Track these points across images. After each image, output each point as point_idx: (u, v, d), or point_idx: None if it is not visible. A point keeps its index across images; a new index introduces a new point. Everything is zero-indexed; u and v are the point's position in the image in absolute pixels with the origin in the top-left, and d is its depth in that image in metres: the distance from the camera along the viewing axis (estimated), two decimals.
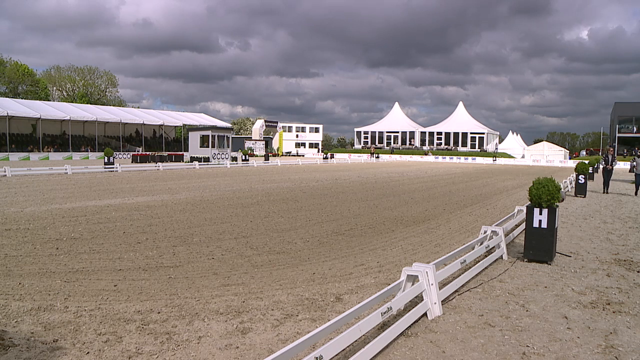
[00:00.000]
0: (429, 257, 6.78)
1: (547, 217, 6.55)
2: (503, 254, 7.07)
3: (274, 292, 5.24)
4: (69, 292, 5.05)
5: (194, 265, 6.26)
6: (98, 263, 6.24)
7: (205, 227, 8.91)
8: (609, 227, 10.09)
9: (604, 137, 73.56)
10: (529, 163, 54.75)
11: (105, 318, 4.34)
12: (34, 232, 8.10)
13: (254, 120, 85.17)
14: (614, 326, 4.46)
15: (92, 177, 21.10)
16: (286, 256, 6.93)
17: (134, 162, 34.25)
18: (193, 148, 38.46)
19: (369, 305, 3.87)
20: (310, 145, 73.67)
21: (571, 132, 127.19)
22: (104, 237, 7.85)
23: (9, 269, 5.82)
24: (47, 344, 3.77)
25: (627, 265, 6.81)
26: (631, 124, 62.18)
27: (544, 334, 4.23)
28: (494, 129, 73.73)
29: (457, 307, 4.86)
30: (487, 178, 26.61)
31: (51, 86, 75.77)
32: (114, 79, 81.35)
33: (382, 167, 38.20)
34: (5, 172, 20.16)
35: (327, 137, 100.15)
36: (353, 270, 6.22)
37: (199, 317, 4.43)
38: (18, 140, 41.76)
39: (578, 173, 16.98)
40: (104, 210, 10.65)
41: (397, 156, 63.48)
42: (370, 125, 78.19)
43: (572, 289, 5.59)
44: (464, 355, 3.78)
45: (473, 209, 12.80)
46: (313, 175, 25.43)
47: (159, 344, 3.83)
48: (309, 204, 12.84)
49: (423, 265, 4.64)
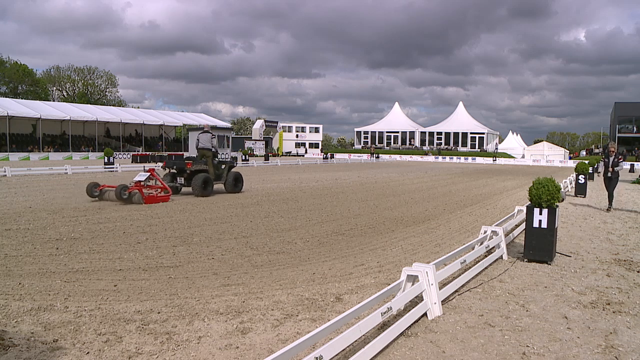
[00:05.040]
0: (429, 257, 6.78)
1: (547, 217, 6.55)
2: (503, 254, 7.07)
3: (274, 292, 5.24)
4: (69, 292, 5.04)
5: (194, 265, 6.26)
6: (98, 263, 6.24)
7: (205, 227, 8.91)
8: (609, 227, 10.08)
9: (604, 137, 73.54)
10: (529, 163, 54.75)
11: (105, 318, 4.34)
12: (34, 232, 8.10)
13: (254, 120, 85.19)
14: (614, 326, 4.46)
15: (92, 177, 21.09)
16: (286, 256, 6.93)
17: (134, 162, 34.25)
18: (193, 148, 38.44)
19: (369, 305, 3.87)
20: (310, 145, 73.65)
21: (571, 132, 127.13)
22: (104, 237, 7.85)
23: (9, 269, 5.82)
24: (47, 344, 3.77)
25: (627, 265, 6.81)
26: (631, 124, 62.21)
27: (544, 334, 4.23)
28: (494, 129, 73.81)
29: (457, 307, 4.86)
30: (487, 178, 26.61)
31: (51, 86, 75.79)
32: (114, 79, 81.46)
33: (382, 167, 38.20)
34: (5, 172, 20.16)
35: (327, 137, 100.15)
36: (353, 270, 6.22)
37: (199, 317, 4.43)
38: (18, 140, 41.77)
39: (578, 173, 17.00)
40: (104, 210, 10.65)
41: (397, 156, 63.49)
42: (370, 125, 78.24)
43: (572, 289, 5.59)
44: (464, 355, 3.78)
45: (473, 209, 12.81)
46: (313, 175, 25.43)
47: (159, 344, 3.83)
48: (309, 204, 12.84)
49: (423, 265, 4.64)
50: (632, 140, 61.26)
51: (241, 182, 15.49)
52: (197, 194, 13.71)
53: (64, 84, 77.38)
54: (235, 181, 15.23)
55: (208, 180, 13.98)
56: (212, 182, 14.25)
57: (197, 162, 14.34)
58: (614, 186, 12.90)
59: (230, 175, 15.10)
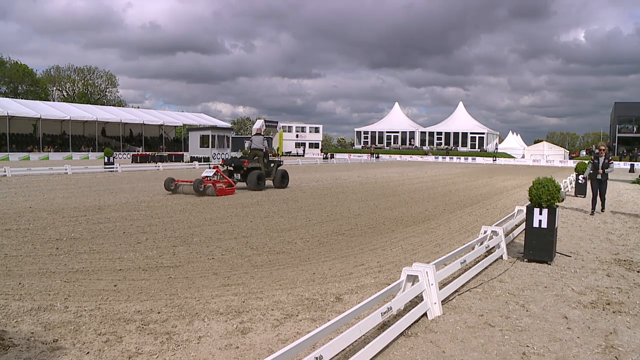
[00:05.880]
0: (429, 257, 6.78)
1: (547, 217, 6.55)
2: (503, 254, 7.07)
3: (274, 292, 5.24)
4: (69, 292, 5.04)
5: (194, 265, 6.26)
6: (98, 263, 6.24)
7: (205, 227, 8.91)
8: (609, 227, 10.08)
9: (604, 137, 73.53)
10: (529, 163, 54.75)
11: (105, 318, 4.34)
12: (34, 232, 8.10)
13: (254, 120, 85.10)
14: (614, 326, 4.46)
15: (92, 177, 21.10)
16: (286, 256, 6.93)
17: (134, 162, 34.23)
18: (193, 148, 38.48)
19: (369, 305, 3.87)
20: (310, 145, 73.60)
21: (571, 132, 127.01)
22: (104, 237, 7.85)
23: (9, 269, 5.82)
24: (47, 344, 3.77)
25: (627, 265, 6.81)
26: (631, 124, 62.21)
27: (544, 334, 4.23)
28: (494, 129, 73.80)
29: (457, 307, 4.86)
30: (487, 178, 26.61)
31: (51, 86, 75.80)
32: (114, 79, 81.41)
33: (382, 167, 38.20)
34: (5, 172, 20.16)
35: (327, 137, 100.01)
36: (353, 270, 6.22)
37: (199, 317, 4.43)
38: (18, 140, 41.76)
39: (578, 173, 16.99)
40: (104, 210, 10.65)
41: (397, 156, 63.49)
42: (370, 125, 78.20)
43: (572, 289, 5.59)
44: (464, 355, 3.78)
45: (473, 209, 12.81)
46: (313, 175, 25.42)
47: (159, 344, 3.83)
48: (309, 204, 12.84)
49: (423, 265, 4.64)
50: (632, 140, 61.25)
51: (287, 178, 17.39)
52: (251, 188, 15.62)
53: (64, 84, 77.36)
54: (282, 178, 17.13)
55: (261, 176, 15.93)
56: (264, 178, 16.17)
57: (251, 161, 16.25)
58: (605, 190, 12.04)
59: (278, 172, 17.05)
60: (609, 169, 11.74)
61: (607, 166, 11.70)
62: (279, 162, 17.73)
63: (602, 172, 11.69)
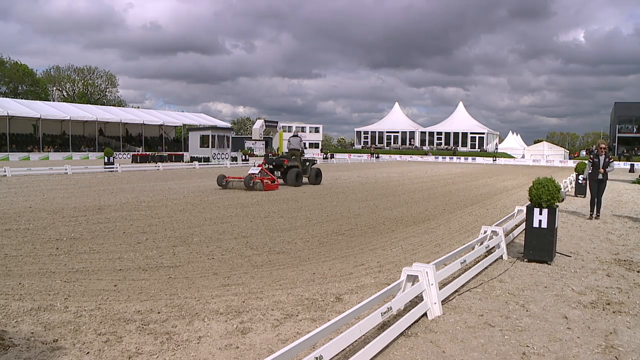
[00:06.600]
0: (429, 257, 6.78)
1: (547, 217, 6.55)
2: (503, 254, 7.07)
3: (274, 292, 5.24)
4: (69, 292, 5.04)
5: (194, 265, 6.26)
6: (98, 263, 6.24)
7: (205, 227, 8.91)
8: (609, 227, 10.08)
9: (604, 137, 73.51)
10: (529, 163, 54.75)
11: (105, 318, 4.34)
12: (34, 232, 8.10)
13: (254, 120, 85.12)
14: (614, 326, 4.46)
15: (92, 177, 21.10)
16: (286, 256, 6.93)
17: (134, 162, 34.23)
18: (193, 148, 38.46)
19: (369, 305, 3.87)
20: (310, 145, 73.55)
21: (571, 132, 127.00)
22: (104, 237, 7.85)
23: (9, 269, 5.82)
24: (47, 344, 3.77)
25: (627, 265, 6.81)
26: (631, 124, 62.21)
27: (544, 334, 4.23)
28: (494, 129, 73.81)
29: (457, 307, 4.86)
30: (487, 178, 26.61)
31: (51, 86, 75.78)
32: (114, 79, 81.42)
33: (382, 167, 38.20)
34: (5, 172, 20.15)
35: (327, 137, 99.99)
36: (353, 270, 6.22)
37: (199, 317, 4.43)
38: (18, 140, 41.77)
39: (578, 173, 16.99)
40: (104, 210, 10.65)
41: (397, 156, 63.47)
42: (370, 125, 78.21)
43: (572, 289, 5.59)
44: (464, 355, 3.78)
45: (473, 209, 12.81)
46: None
47: (159, 344, 3.83)
48: (309, 204, 12.84)
49: (423, 265, 4.64)
50: (632, 140, 61.27)
51: (320, 176, 18.93)
52: (290, 184, 17.37)
53: (64, 84, 77.37)
54: (317, 175, 18.73)
55: (299, 174, 17.74)
56: (302, 176, 17.94)
57: (290, 160, 17.86)
58: (603, 191, 11.39)
59: (312, 170, 18.67)
60: (609, 168, 11.26)
61: (607, 165, 11.18)
62: (314, 160, 19.60)
63: (603, 171, 11.16)
